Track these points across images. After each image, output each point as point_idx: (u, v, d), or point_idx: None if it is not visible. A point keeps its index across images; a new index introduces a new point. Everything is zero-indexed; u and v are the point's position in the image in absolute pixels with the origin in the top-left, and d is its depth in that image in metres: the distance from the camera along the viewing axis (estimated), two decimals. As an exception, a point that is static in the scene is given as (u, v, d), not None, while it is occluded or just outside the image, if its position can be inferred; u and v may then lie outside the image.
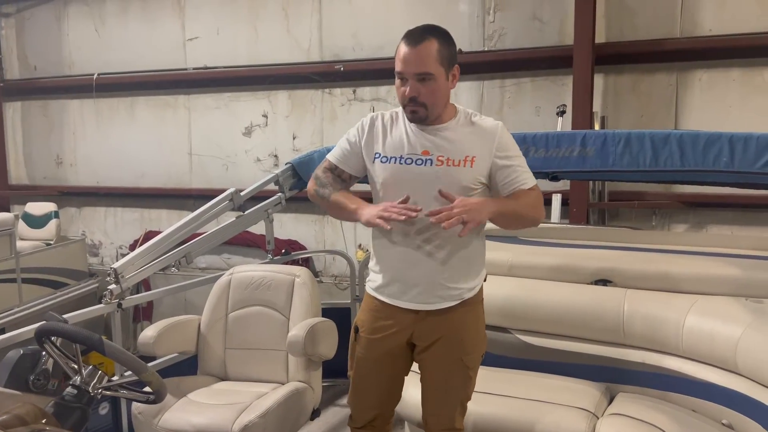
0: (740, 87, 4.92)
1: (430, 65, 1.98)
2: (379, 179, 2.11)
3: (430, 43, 1.98)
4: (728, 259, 2.86)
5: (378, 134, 2.14)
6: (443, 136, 2.08)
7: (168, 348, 2.94)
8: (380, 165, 2.10)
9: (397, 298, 2.12)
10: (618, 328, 2.74)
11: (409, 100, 2.01)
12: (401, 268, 2.10)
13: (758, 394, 2.21)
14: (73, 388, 1.76)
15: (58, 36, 7.59)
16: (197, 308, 3.18)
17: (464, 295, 2.12)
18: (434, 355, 2.13)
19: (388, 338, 2.16)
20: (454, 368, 2.15)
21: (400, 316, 2.13)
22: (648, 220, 5.29)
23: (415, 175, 2.05)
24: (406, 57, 1.99)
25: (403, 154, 2.08)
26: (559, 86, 5.44)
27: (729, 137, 2.65)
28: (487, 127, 2.11)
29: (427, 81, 1.99)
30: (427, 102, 2.01)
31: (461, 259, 2.09)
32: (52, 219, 6.57)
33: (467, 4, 5.73)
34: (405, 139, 2.09)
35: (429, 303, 2.09)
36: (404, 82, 2.01)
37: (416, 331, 2.13)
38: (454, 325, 2.11)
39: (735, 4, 4.86)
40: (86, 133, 7.63)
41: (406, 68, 2.00)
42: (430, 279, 2.08)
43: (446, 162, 2.04)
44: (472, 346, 2.17)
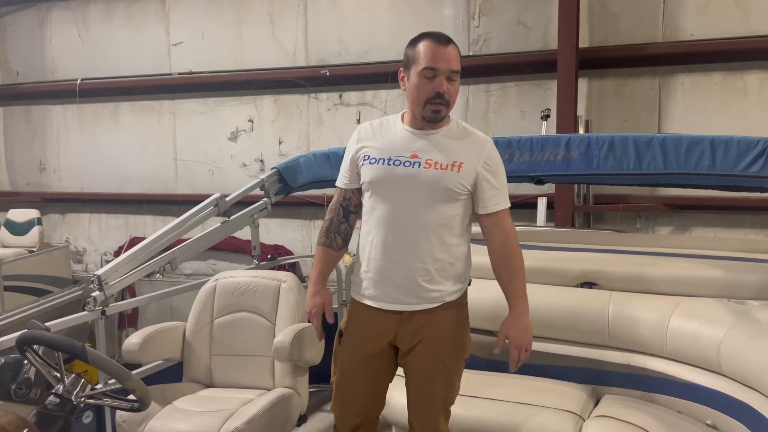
0: (721, 91, 4.98)
1: (458, 64, 2.05)
2: (367, 180, 2.13)
3: (454, 46, 2.07)
4: (711, 261, 2.89)
5: (368, 138, 2.18)
6: (434, 141, 2.10)
7: (153, 355, 2.91)
8: (369, 166, 2.12)
9: (380, 301, 2.13)
10: (603, 331, 2.76)
11: (436, 96, 2.02)
12: (383, 270, 2.11)
13: (741, 395, 2.23)
14: (55, 396, 1.74)
15: (40, 41, 7.52)
16: (183, 315, 3.16)
17: (446, 298, 2.13)
18: (417, 358, 2.14)
19: (372, 341, 2.16)
20: (436, 371, 2.15)
21: (384, 319, 2.13)
22: (633, 222, 5.33)
23: (402, 176, 2.06)
24: (440, 54, 2.01)
25: (392, 156, 2.09)
26: (544, 90, 5.48)
27: (710, 140, 2.69)
28: (478, 137, 2.16)
29: (453, 81, 2.05)
30: (451, 101, 2.06)
31: (442, 263, 2.10)
32: (35, 226, 6.48)
33: (452, 9, 5.76)
34: (395, 142, 2.12)
35: (409, 304, 2.10)
36: (432, 79, 2.02)
37: (399, 333, 2.13)
38: (437, 328, 2.12)
39: (716, 10, 4.93)
40: (70, 138, 7.56)
41: (441, 64, 2.01)
42: (411, 280, 2.09)
43: (434, 165, 2.05)
44: (454, 349, 2.17)
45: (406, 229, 2.07)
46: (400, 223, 2.08)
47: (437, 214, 2.07)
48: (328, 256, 2.26)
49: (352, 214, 2.22)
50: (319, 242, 2.26)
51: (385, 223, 2.09)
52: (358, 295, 2.20)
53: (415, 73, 2.06)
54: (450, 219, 2.10)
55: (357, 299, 2.21)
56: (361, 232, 2.20)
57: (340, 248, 2.25)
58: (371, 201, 2.14)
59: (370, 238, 2.13)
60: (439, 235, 2.08)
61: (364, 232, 2.17)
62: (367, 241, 2.15)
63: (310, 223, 6.54)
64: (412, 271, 2.08)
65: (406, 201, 2.06)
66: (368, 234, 2.15)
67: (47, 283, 6.24)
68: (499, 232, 2.14)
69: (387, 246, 2.09)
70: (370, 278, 2.15)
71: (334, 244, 2.23)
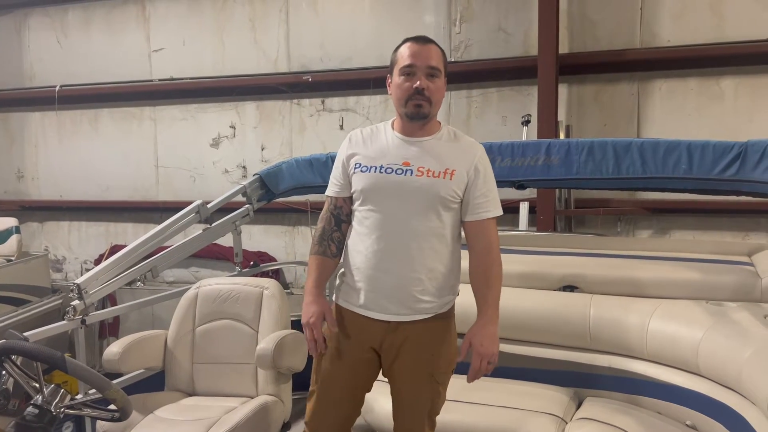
0: (698, 96, 5.06)
1: (439, 62, 2.07)
2: (358, 188, 2.10)
3: (436, 47, 2.09)
4: (689, 264, 2.93)
5: (359, 145, 2.16)
6: (425, 148, 2.09)
7: (134, 364, 2.89)
8: (360, 174, 2.10)
9: (369, 309, 2.10)
10: (584, 333, 2.78)
11: (416, 92, 2.03)
12: (375, 279, 2.07)
13: (719, 395, 2.27)
14: (34, 407, 1.72)
15: (18, 47, 7.42)
16: (165, 323, 3.13)
17: (436, 310, 2.10)
18: (403, 369, 2.11)
19: (356, 348, 2.13)
20: (423, 383, 2.12)
21: (371, 327, 2.10)
22: (613, 226, 5.39)
23: (394, 184, 2.05)
24: (417, 51, 2.04)
25: (384, 164, 2.08)
26: (525, 96, 5.53)
27: (687, 145, 2.74)
28: (470, 144, 2.16)
29: (434, 78, 2.05)
30: (433, 98, 2.05)
31: (434, 272, 2.07)
32: (13, 234, 6.37)
33: (433, 16, 5.79)
34: (386, 150, 2.11)
35: (399, 314, 2.07)
36: (411, 77, 2.04)
37: (386, 342, 2.10)
38: (425, 340, 2.09)
39: (691, 16, 5.01)
40: (48, 146, 7.46)
41: (418, 61, 2.03)
42: (403, 291, 2.05)
43: (426, 173, 2.04)
44: (442, 361, 2.14)
45: (398, 238, 2.04)
46: (393, 231, 2.05)
47: (430, 222, 2.05)
48: (323, 265, 2.19)
49: (343, 222, 2.19)
50: (313, 251, 2.21)
51: (378, 231, 2.06)
52: (345, 303, 2.16)
53: (397, 73, 2.08)
54: (442, 228, 2.07)
55: (343, 306, 2.17)
56: (349, 240, 2.16)
57: (334, 256, 2.19)
58: (363, 209, 2.10)
59: (362, 246, 2.09)
60: (432, 244, 2.05)
61: (354, 240, 2.14)
62: (358, 249, 2.11)
63: (293, 229, 6.52)
64: (404, 281, 2.05)
65: (399, 209, 2.04)
66: (359, 242, 2.11)
67: (26, 293, 6.14)
68: (484, 240, 2.12)
69: (379, 255, 2.05)
70: (360, 287, 2.10)
71: (328, 251, 2.18)
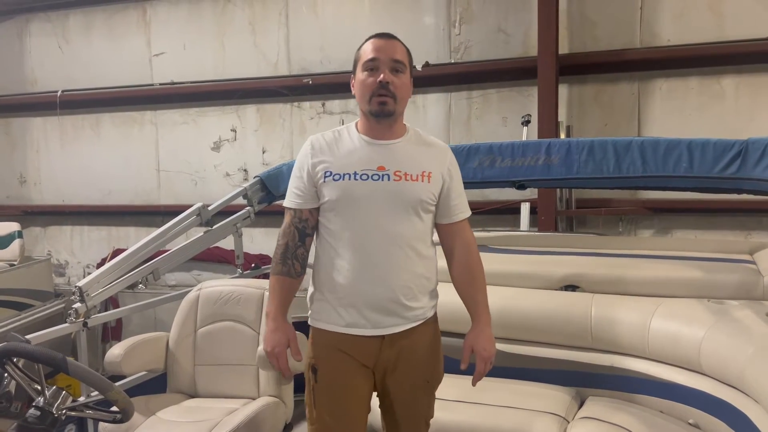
0: (698, 95, 5.06)
1: (404, 57, 2.00)
2: (331, 197, 1.96)
3: (400, 42, 2.03)
4: (691, 263, 2.93)
5: (324, 152, 2.01)
6: (397, 151, 2.00)
7: (136, 366, 2.89)
8: (332, 183, 1.95)
9: (360, 327, 1.96)
10: (586, 333, 2.78)
11: (380, 87, 1.93)
12: (361, 294, 1.94)
13: (722, 393, 2.26)
14: (36, 409, 1.73)
15: (20, 53, 7.45)
16: (167, 326, 3.14)
17: (426, 315, 2.04)
18: (401, 380, 2.02)
19: (356, 372, 1.99)
20: (420, 391, 2.08)
21: (365, 346, 1.97)
22: (615, 226, 5.38)
23: (372, 191, 1.93)
24: (380, 46, 1.97)
25: (357, 170, 1.95)
26: (525, 97, 5.53)
27: (687, 143, 2.74)
28: (439, 145, 2.11)
29: (399, 73, 1.98)
30: (398, 94, 1.96)
31: (421, 278, 2.00)
32: (16, 239, 6.39)
33: (433, 17, 5.80)
34: (356, 155, 1.98)
35: (392, 326, 1.97)
36: (375, 71, 1.95)
37: (381, 358, 1.99)
38: (418, 347, 2.03)
39: (691, 15, 5.01)
40: (50, 151, 7.48)
41: (381, 54, 1.96)
42: (393, 300, 1.95)
43: (404, 177, 1.95)
44: (436, 366, 2.11)
45: (383, 247, 1.93)
46: (376, 241, 1.93)
47: (412, 227, 1.97)
48: (286, 286, 2.01)
49: (308, 236, 2.02)
50: (275, 271, 2.02)
51: (358, 242, 1.93)
52: (328, 325, 2.00)
53: (360, 69, 2.00)
54: (424, 232, 2.01)
55: (327, 329, 2.00)
56: (320, 257, 2.02)
57: (298, 275, 2.02)
58: (337, 221, 1.96)
59: (341, 261, 1.95)
60: (416, 249, 1.97)
61: (329, 255, 1.98)
62: (337, 265, 1.96)
63: (295, 231, 6.52)
64: (393, 291, 1.95)
65: (379, 217, 1.93)
66: (337, 257, 1.96)
67: (29, 297, 6.15)
68: (463, 241, 2.08)
69: (364, 268, 1.93)
70: (345, 305, 1.96)
71: (292, 271, 2.01)
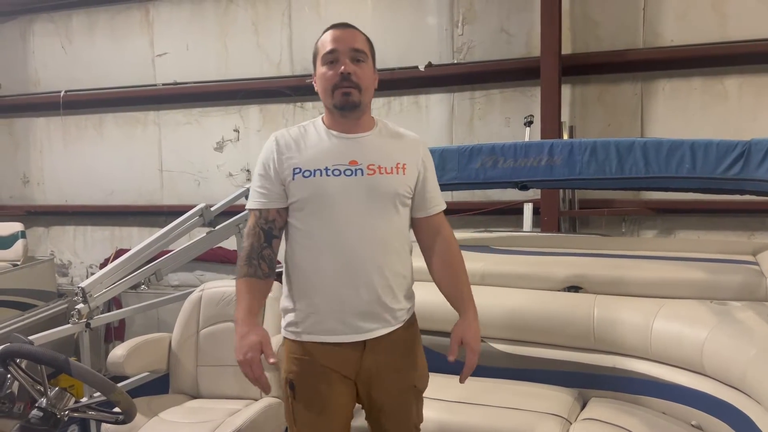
0: (701, 95, 5.05)
1: (364, 46, 1.90)
2: (302, 196, 1.84)
3: (358, 31, 1.93)
4: (694, 264, 2.92)
5: (290, 148, 1.88)
6: (368, 144, 1.90)
7: (138, 367, 2.90)
8: (302, 180, 1.83)
9: (339, 334, 1.85)
10: (588, 334, 2.77)
11: (342, 79, 1.83)
12: (339, 298, 1.84)
13: (725, 395, 2.25)
14: (39, 410, 1.74)
15: (23, 53, 7.47)
16: (170, 327, 3.15)
17: (407, 316, 1.98)
18: (387, 388, 1.93)
19: (333, 386, 1.88)
20: (409, 397, 1.99)
21: (343, 355, 1.86)
22: (618, 227, 5.37)
23: (345, 186, 1.83)
24: (339, 36, 1.87)
25: (328, 166, 1.84)
26: (528, 97, 5.52)
27: (690, 144, 2.73)
28: (411, 137, 2.02)
29: (361, 62, 1.87)
30: (362, 84, 1.85)
31: (399, 277, 1.92)
32: (19, 239, 6.41)
33: (436, 18, 5.79)
34: (325, 150, 1.87)
35: (374, 330, 1.87)
36: (335, 64, 1.85)
37: (363, 364, 1.88)
38: (401, 351, 1.94)
39: (694, 15, 5.00)
40: (53, 151, 7.50)
41: (340, 45, 1.85)
42: (375, 302, 1.85)
43: (378, 170, 1.86)
44: (423, 369, 2.03)
45: (361, 246, 1.83)
46: (354, 240, 1.82)
47: (390, 223, 1.88)
48: (255, 288, 1.85)
49: (275, 238, 1.88)
50: (240, 274, 1.86)
51: (335, 243, 1.82)
52: (305, 335, 1.88)
53: (320, 64, 1.90)
54: (401, 228, 1.92)
55: (303, 339, 1.89)
56: (292, 261, 1.89)
57: (266, 276, 1.86)
58: (310, 221, 1.84)
59: (317, 264, 1.83)
60: (395, 246, 1.89)
61: (302, 258, 1.86)
62: (312, 268, 1.84)
63: (297, 232, 6.52)
64: (375, 292, 1.85)
65: (355, 214, 1.82)
66: (311, 260, 1.84)
67: (32, 297, 6.16)
68: (443, 236, 2.00)
69: (343, 269, 1.82)
70: (322, 311, 1.85)
71: (259, 272, 1.84)
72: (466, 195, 5.52)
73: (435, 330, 3.07)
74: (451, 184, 3.22)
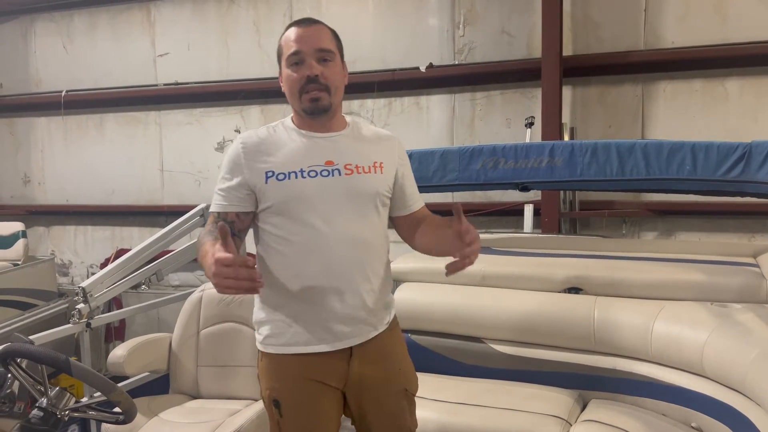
0: (702, 97, 5.05)
1: (331, 44, 1.82)
2: (278, 200, 1.74)
3: (324, 26, 1.85)
4: (694, 265, 2.92)
5: (261, 152, 1.78)
6: (342, 143, 1.83)
7: (139, 367, 2.90)
8: (277, 184, 1.74)
9: (325, 343, 1.77)
10: (589, 335, 2.77)
11: (308, 82, 1.75)
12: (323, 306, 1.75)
13: (725, 397, 2.25)
14: (39, 410, 1.74)
15: (24, 53, 7.48)
16: (171, 327, 3.15)
17: (388, 319, 1.90)
18: (377, 396, 1.85)
19: (321, 399, 1.79)
20: (401, 402, 1.90)
21: (329, 364, 1.78)
22: (618, 228, 5.37)
23: (323, 188, 1.75)
24: (302, 35, 1.78)
25: (303, 167, 1.75)
26: (529, 98, 5.52)
27: (691, 146, 2.73)
28: (386, 134, 1.96)
29: (328, 62, 1.78)
30: (330, 85, 1.77)
31: (381, 278, 1.85)
32: (20, 239, 6.41)
33: (437, 19, 5.80)
34: (300, 150, 1.79)
35: (361, 335, 1.80)
36: (300, 65, 1.77)
37: (351, 376, 1.81)
38: (389, 354, 1.88)
39: (696, 17, 5.00)
40: (54, 151, 7.51)
41: (304, 46, 1.76)
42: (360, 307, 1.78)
43: (356, 170, 1.79)
44: (411, 370, 1.96)
45: (343, 250, 1.74)
46: (335, 243, 1.74)
47: (371, 224, 1.81)
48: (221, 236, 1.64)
49: (234, 236, 1.73)
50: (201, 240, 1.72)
51: (315, 248, 1.73)
52: (287, 347, 1.78)
53: (285, 65, 1.84)
54: (381, 229, 1.86)
55: (286, 352, 1.78)
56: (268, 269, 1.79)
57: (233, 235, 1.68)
58: (287, 225, 1.74)
59: (295, 271, 1.74)
60: (376, 248, 1.82)
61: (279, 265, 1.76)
62: (290, 275, 1.75)
63: (298, 232, 6.52)
64: (360, 296, 1.77)
65: (334, 216, 1.74)
66: (289, 267, 1.75)
67: (32, 297, 6.17)
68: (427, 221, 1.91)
69: (324, 275, 1.73)
70: (304, 320, 1.76)
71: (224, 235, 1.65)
72: (466, 196, 5.52)
73: (432, 331, 3.08)
74: (452, 185, 3.22)
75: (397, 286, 3.26)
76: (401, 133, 5.93)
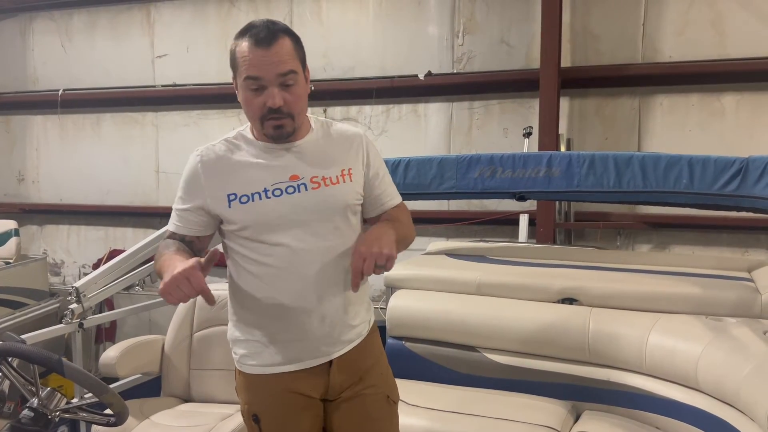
0: (699, 111, 5.08)
1: (292, 61, 1.66)
2: (243, 224, 1.67)
3: (284, 39, 1.66)
4: (689, 279, 2.93)
5: (221, 171, 1.69)
6: (307, 152, 1.73)
7: (131, 369, 2.88)
8: (240, 207, 1.66)
9: (301, 361, 1.72)
10: (583, 347, 2.77)
11: (270, 112, 1.63)
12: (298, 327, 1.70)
13: (718, 411, 2.25)
14: (30, 410, 1.72)
15: (22, 51, 7.46)
16: (162, 329, 3.13)
17: (367, 328, 1.85)
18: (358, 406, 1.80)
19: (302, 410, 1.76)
20: (383, 410, 1.84)
21: (308, 380, 1.74)
22: (613, 240, 5.39)
23: (290, 207, 1.67)
24: (260, 58, 1.61)
25: (267, 186, 1.67)
26: (527, 109, 5.55)
27: (688, 160, 2.74)
28: (353, 134, 1.85)
29: (291, 86, 1.65)
30: (294, 111, 1.67)
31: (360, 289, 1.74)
32: (12, 237, 6.37)
33: (437, 27, 5.82)
34: (262, 167, 1.69)
35: (337, 350, 1.75)
36: (260, 92, 1.63)
37: (333, 385, 1.77)
38: (368, 363, 1.83)
39: (693, 32, 5.04)
40: (50, 149, 7.48)
41: (264, 72, 1.61)
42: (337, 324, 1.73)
43: (323, 182, 1.70)
44: (391, 376, 1.91)
45: (317, 268, 1.68)
46: (307, 262, 1.67)
47: (342, 236, 1.73)
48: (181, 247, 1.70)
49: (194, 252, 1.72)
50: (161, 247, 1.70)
51: (287, 268, 1.67)
52: (265, 367, 1.75)
53: (240, 84, 1.67)
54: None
55: (265, 372, 1.75)
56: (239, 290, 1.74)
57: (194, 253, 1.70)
58: (256, 247, 1.68)
59: (268, 293, 1.69)
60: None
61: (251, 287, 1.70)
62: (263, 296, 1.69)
63: (293, 237, 6.51)
64: (337, 314, 1.73)
65: (304, 234, 1.67)
66: (262, 289, 1.69)
67: (23, 296, 6.12)
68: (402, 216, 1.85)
69: (298, 296, 1.68)
70: (281, 341, 1.71)
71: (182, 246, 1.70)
72: (462, 204, 5.53)
73: (427, 338, 3.08)
74: (449, 193, 3.22)
75: (392, 293, 3.26)
76: (398, 139, 5.96)
